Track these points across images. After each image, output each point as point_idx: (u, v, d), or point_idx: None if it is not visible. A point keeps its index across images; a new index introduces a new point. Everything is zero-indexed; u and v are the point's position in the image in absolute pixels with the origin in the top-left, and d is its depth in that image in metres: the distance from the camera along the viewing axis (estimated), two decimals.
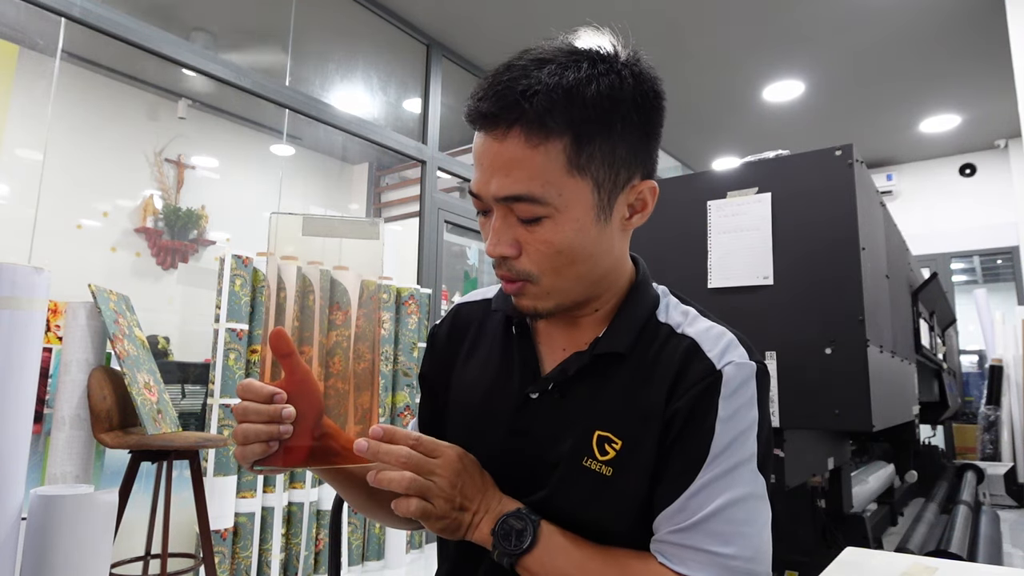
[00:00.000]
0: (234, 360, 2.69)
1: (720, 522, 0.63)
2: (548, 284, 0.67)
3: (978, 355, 5.42)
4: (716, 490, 0.64)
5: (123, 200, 4.05)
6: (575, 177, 0.64)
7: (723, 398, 0.66)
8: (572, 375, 0.71)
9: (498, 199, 0.64)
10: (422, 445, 0.64)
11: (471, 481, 0.66)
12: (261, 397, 0.60)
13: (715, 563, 0.62)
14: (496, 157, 0.64)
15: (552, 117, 0.61)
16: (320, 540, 3.03)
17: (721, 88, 4.72)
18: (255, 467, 0.61)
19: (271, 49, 3.73)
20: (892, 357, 1.85)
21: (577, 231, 0.65)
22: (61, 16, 2.49)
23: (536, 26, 3.94)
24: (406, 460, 0.62)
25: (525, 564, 0.64)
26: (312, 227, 0.64)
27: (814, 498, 1.91)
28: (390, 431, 0.63)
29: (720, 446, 0.65)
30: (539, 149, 0.62)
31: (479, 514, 0.65)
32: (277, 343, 0.61)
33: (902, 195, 6.18)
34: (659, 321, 0.73)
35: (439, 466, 0.64)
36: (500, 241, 0.66)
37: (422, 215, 4.04)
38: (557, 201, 0.63)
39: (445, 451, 0.65)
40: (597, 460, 0.67)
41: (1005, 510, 3.76)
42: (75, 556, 1.44)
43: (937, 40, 4.07)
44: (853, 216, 1.53)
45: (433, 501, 0.63)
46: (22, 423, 1.49)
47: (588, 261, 0.67)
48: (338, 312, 0.66)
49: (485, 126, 0.65)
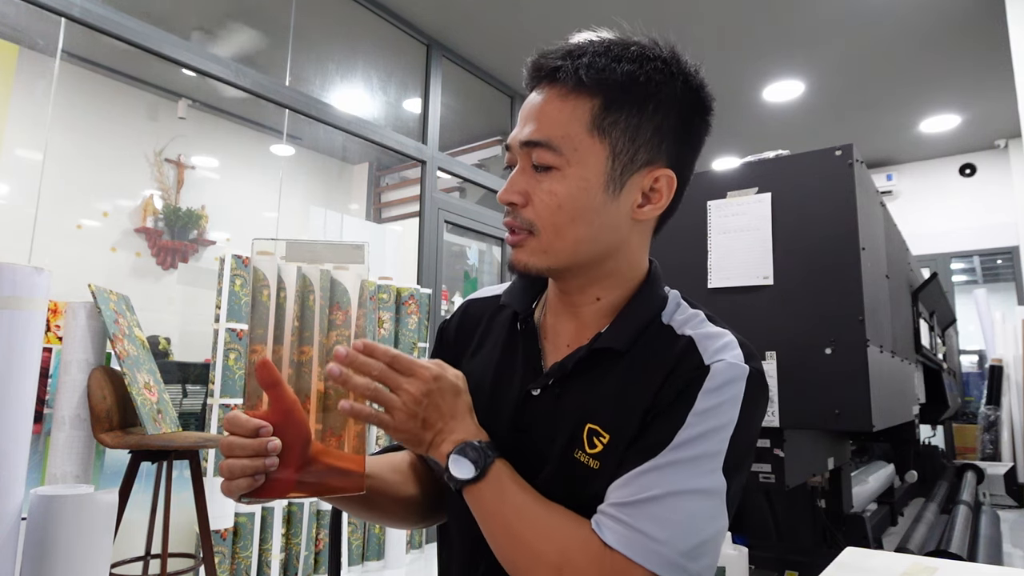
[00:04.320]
0: (234, 360, 2.69)
1: (662, 507, 0.61)
2: (546, 240, 0.69)
3: (978, 355, 5.43)
4: (668, 475, 0.62)
5: (123, 200, 4.05)
6: (594, 138, 0.67)
7: (704, 392, 0.65)
8: (571, 370, 0.71)
9: (520, 143, 0.69)
10: (398, 362, 0.65)
11: (441, 402, 0.66)
12: (246, 431, 0.60)
13: (641, 543, 0.60)
14: (533, 108, 0.69)
15: (588, 74, 0.66)
16: (320, 540, 3.03)
17: (721, 88, 4.69)
18: (242, 499, 0.61)
19: (271, 49, 3.73)
20: (892, 357, 1.85)
21: (582, 190, 0.67)
22: (61, 16, 2.49)
23: (536, 26, 3.94)
24: (378, 374, 0.63)
25: (469, 493, 0.65)
26: (295, 253, 0.64)
27: (814, 498, 1.91)
28: (370, 346, 0.63)
29: (687, 436, 0.63)
30: (568, 102, 0.67)
31: (440, 435, 0.66)
32: (263, 374, 0.61)
33: (902, 195, 6.18)
34: (662, 323, 0.73)
35: (408, 383, 0.64)
36: (511, 188, 0.69)
37: (422, 215, 4.04)
38: (571, 155, 0.67)
39: (419, 371, 0.65)
40: (586, 453, 0.68)
41: (1005, 510, 3.77)
42: (75, 556, 1.44)
43: (937, 40, 4.07)
44: (853, 216, 1.53)
45: (393, 413, 0.64)
46: (22, 423, 1.49)
47: (588, 227, 0.68)
48: (338, 312, 0.66)
49: (532, 80, 0.70)
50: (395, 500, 0.80)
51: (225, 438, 0.61)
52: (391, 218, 5.37)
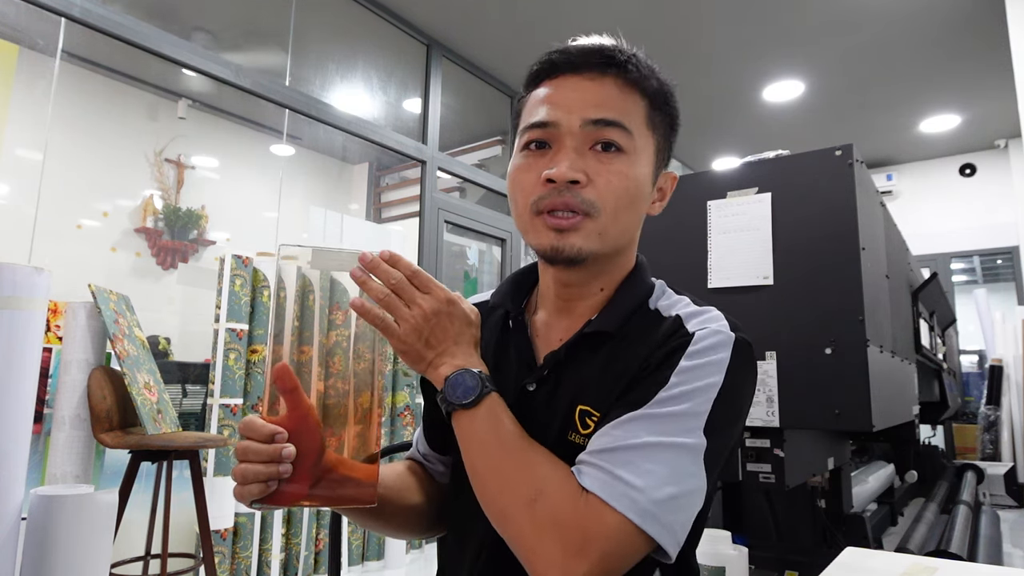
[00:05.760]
0: (234, 360, 2.69)
1: (640, 455, 0.61)
2: (604, 222, 0.69)
3: (978, 355, 5.42)
4: (648, 426, 0.62)
5: (123, 200, 4.05)
6: (649, 131, 0.72)
7: (688, 354, 0.66)
8: (563, 357, 0.72)
9: (590, 120, 0.68)
10: (417, 277, 0.66)
11: (449, 325, 0.67)
12: (262, 436, 0.60)
13: (617, 488, 0.59)
14: (587, 91, 0.69)
15: (641, 76, 0.71)
16: (320, 540, 3.03)
17: (721, 88, 4.72)
18: (253, 504, 0.61)
19: (271, 49, 3.73)
20: (892, 357, 1.85)
21: (644, 178, 0.71)
22: (61, 16, 2.49)
23: (536, 26, 3.94)
24: (396, 283, 0.64)
25: (458, 418, 0.66)
26: (321, 260, 0.65)
27: (814, 498, 1.91)
28: (395, 257, 0.65)
29: (669, 394, 0.63)
30: (629, 96, 0.70)
31: (442, 356, 0.67)
32: (281, 378, 0.61)
33: (902, 195, 6.18)
34: (649, 308, 0.75)
35: (422, 299, 0.65)
36: (573, 166, 0.67)
37: (422, 215, 4.04)
38: (638, 142, 0.70)
39: (435, 290, 0.67)
40: (580, 434, 0.69)
41: (1005, 510, 3.77)
42: (75, 556, 1.44)
43: (937, 40, 4.07)
44: (853, 216, 1.53)
45: (400, 323, 0.65)
46: (22, 423, 1.49)
47: (636, 214, 0.73)
48: (338, 312, 0.66)
49: (576, 69, 0.70)
50: (402, 508, 0.80)
51: (240, 442, 0.61)
52: (391, 218, 5.36)
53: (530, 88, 0.74)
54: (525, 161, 0.71)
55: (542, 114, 0.69)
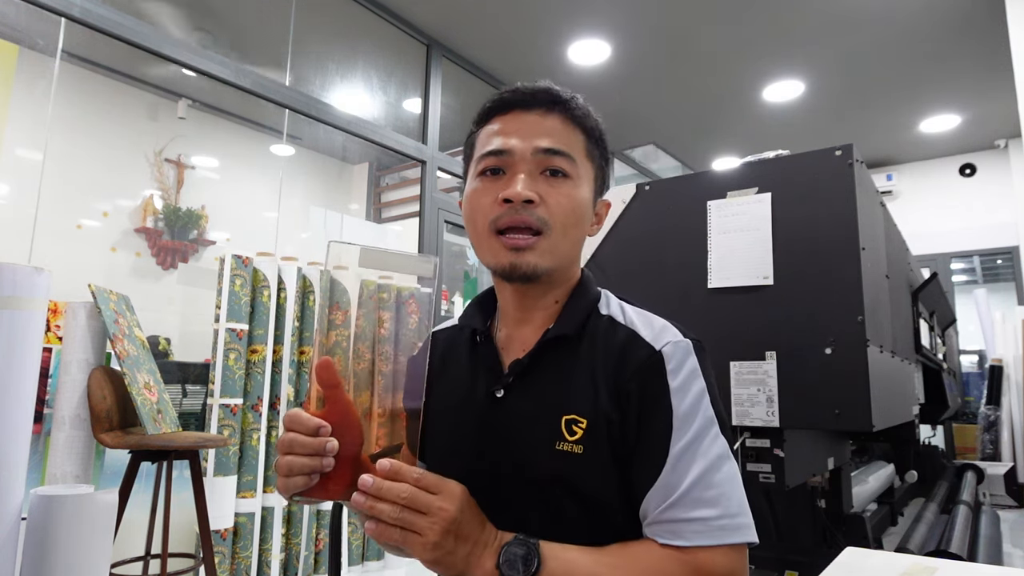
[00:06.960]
0: (234, 360, 2.69)
1: (701, 489, 0.68)
2: (555, 240, 0.76)
3: (978, 355, 5.42)
4: (689, 461, 0.69)
5: (123, 200, 4.05)
6: (589, 162, 0.81)
7: (670, 373, 0.72)
8: (527, 364, 0.77)
9: (540, 149, 0.76)
10: (424, 481, 0.64)
11: (473, 515, 0.67)
12: (307, 429, 0.62)
13: (708, 528, 0.67)
14: (537, 125, 0.78)
15: (581, 114, 0.81)
16: (320, 540, 3.03)
17: (721, 88, 4.72)
18: (294, 498, 0.62)
19: (271, 49, 3.73)
20: (892, 357, 1.85)
21: (586, 201, 0.80)
22: (61, 16, 2.49)
23: (536, 26, 3.94)
24: (407, 498, 0.62)
25: None
26: (368, 259, 0.67)
27: (814, 498, 1.91)
28: (396, 468, 0.63)
29: (680, 417, 0.70)
30: (571, 131, 0.80)
31: (479, 546, 0.66)
32: (324, 374, 0.63)
33: (902, 195, 6.18)
34: (600, 313, 0.81)
35: (440, 501, 0.64)
36: (527, 188, 0.75)
37: (422, 215, 4.04)
38: (580, 170, 0.79)
39: (448, 485, 0.66)
40: (568, 442, 0.72)
41: (1005, 510, 3.77)
42: (75, 556, 1.44)
43: (937, 40, 4.07)
44: (853, 216, 1.53)
45: (424, 532, 0.63)
46: (22, 423, 1.49)
47: (581, 232, 0.81)
48: (338, 312, 0.66)
49: (526, 106, 0.79)
50: None
51: (286, 435, 0.62)
52: (391, 218, 5.36)
53: (482, 124, 0.82)
54: (482, 185, 0.78)
55: (497, 143, 0.77)
